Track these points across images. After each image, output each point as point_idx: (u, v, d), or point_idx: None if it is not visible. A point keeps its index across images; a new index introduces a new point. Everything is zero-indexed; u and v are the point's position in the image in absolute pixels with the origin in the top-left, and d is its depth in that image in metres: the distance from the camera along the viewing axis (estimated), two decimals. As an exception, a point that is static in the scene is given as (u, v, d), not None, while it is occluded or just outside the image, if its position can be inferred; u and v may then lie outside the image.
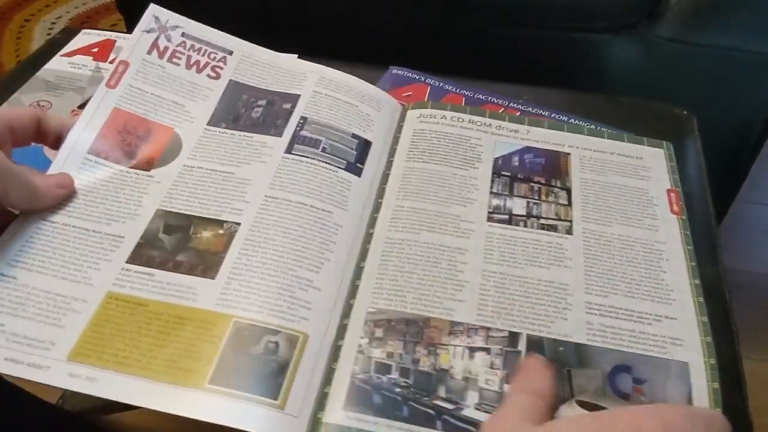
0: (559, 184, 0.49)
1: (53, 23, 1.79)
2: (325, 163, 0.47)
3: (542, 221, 0.46)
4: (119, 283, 0.39)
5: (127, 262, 0.40)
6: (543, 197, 0.48)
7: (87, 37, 0.64)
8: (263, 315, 0.38)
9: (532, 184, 0.48)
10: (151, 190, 0.44)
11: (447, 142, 0.50)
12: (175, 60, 0.51)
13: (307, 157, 0.47)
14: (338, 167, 0.47)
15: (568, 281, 0.42)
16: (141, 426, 0.49)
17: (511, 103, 0.58)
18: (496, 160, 0.50)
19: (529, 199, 0.47)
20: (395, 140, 0.51)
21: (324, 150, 0.48)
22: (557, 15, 0.86)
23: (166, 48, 0.51)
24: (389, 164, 0.49)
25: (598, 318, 0.40)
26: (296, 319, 0.38)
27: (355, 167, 0.48)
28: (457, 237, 0.44)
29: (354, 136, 0.49)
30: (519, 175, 0.49)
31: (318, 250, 0.42)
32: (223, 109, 0.50)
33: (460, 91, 0.59)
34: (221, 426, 0.33)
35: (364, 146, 0.49)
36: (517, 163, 0.50)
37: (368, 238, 0.44)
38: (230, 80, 0.52)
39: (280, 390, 0.35)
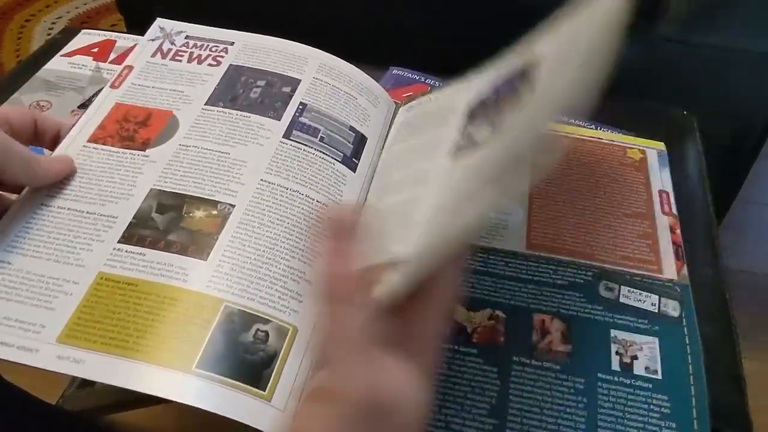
0: None
1: (53, 23, 1.79)
2: (323, 153, 0.47)
3: None
4: (111, 264, 0.39)
5: (119, 242, 0.40)
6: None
7: (87, 37, 0.65)
8: (254, 302, 0.38)
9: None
10: (146, 170, 0.44)
11: (426, 117, 0.48)
12: (177, 57, 0.52)
13: (305, 144, 0.47)
14: (335, 159, 0.47)
15: None
16: (141, 426, 0.49)
17: (511, 103, 0.58)
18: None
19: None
20: (385, 137, 0.51)
21: (322, 140, 0.47)
22: (557, 15, 0.86)
23: (170, 50, 0.52)
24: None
25: None
26: (287, 310, 0.38)
27: (350, 161, 0.48)
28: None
29: (351, 129, 0.49)
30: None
31: (311, 242, 0.42)
32: (222, 90, 0.50)
33: (460, 91, 0.59)
34: (222, 424, 0.33)
35: (360, 141, 0.49)
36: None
37: None
38: (230, 65, 0.52)
39: (268, 381, 0.35)
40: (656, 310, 0.41)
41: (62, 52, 0.63)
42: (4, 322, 0.36)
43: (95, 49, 0.63)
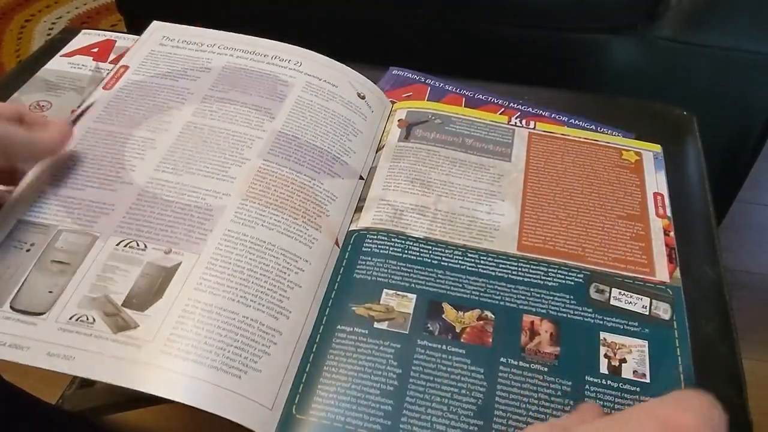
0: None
1: (53, 23, 1.79)
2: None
3: None
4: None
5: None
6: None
7: (87, 37, 0.64)
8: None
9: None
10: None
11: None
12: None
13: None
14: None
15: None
16: (141, 426, 0.49)
17: (511, 103, 0.58)
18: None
19: None
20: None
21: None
22: (557, 15, 0.86)
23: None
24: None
25: None
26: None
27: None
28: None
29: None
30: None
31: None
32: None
33: (460, 91, 0.59)
34: (223, 425, 0.33)
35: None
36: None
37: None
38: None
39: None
40: (647, 313, 0.41)
41: (62, 52, 0.63)
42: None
43: (95, 49, 0.63)
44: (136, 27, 0.93)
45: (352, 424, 0.35)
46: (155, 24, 0.56)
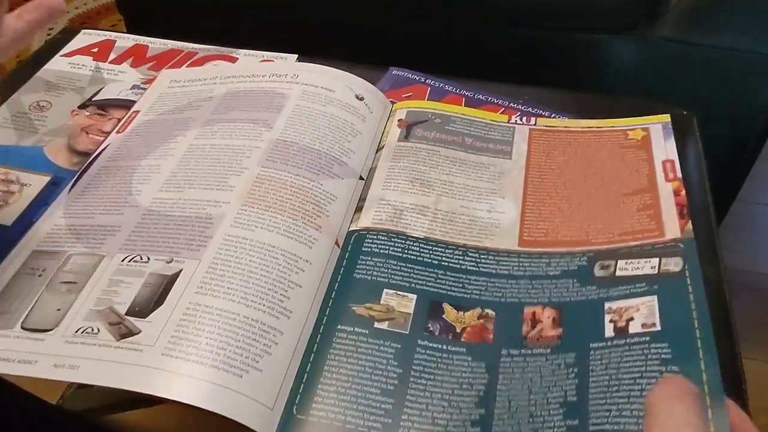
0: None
1: (53, 23, 1.79)
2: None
3: None
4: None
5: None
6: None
7: (87, 37, 0.65)
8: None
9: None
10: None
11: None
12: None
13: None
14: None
15: None
16: (142, 426, 0.49)
17: (512, 103, 0.58)
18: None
19: None
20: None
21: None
22: (557, 15, 0.86)
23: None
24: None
25: None
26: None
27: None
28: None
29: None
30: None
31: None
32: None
33: (460, 91, 0.59)
34: (223, 426, 0.33)
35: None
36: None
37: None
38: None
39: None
40: (656, 272, 0.40)
41: (62, 52, 0.63)
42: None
43: (95, 49, 0.63)
44: (136, 27, 0.93)
45: (352, 423, 0.35)
46: (164, 72, 0.58)
